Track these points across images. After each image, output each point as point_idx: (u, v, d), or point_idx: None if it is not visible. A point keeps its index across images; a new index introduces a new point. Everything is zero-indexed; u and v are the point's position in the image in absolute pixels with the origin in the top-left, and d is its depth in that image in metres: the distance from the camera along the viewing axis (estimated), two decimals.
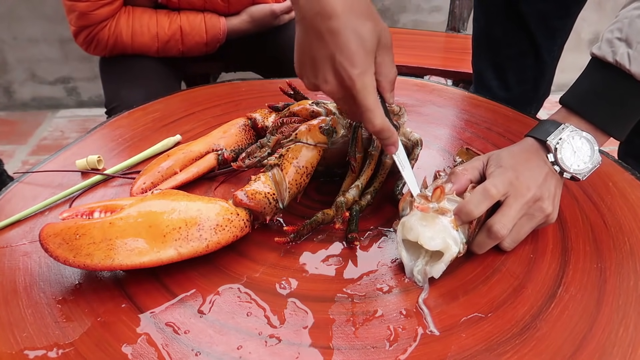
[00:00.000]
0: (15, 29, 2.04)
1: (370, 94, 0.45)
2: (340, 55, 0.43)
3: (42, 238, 0.43)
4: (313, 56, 0.45)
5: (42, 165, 0.64)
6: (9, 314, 0.42)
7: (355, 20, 0.43)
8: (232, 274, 0.47)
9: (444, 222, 0.45)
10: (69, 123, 2.12)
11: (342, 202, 0.52)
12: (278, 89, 0.67)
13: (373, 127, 0.46)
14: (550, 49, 0.98)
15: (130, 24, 1.02)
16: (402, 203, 0.50)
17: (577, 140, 0.50)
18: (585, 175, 0.51)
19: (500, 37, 0.98)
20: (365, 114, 0.46)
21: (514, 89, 1.02)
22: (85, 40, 1.02)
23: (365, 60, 0.44)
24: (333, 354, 0.39)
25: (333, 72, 0.45)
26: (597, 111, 0.51)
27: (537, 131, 0.52)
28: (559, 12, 0.93)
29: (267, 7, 1.11)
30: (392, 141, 0.49)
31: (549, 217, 0.50)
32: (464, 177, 0.49)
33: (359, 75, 0.44)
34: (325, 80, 0.45)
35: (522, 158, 0.50)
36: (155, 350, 0.39)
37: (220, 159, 0.60)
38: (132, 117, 0.76)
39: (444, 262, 0.45)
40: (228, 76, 1.18)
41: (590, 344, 0.40)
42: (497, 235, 0.47)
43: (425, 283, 0.45)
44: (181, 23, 1.04)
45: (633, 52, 0.47)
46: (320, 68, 0.45)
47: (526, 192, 0.48)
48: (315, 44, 0.44)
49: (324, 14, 0.43)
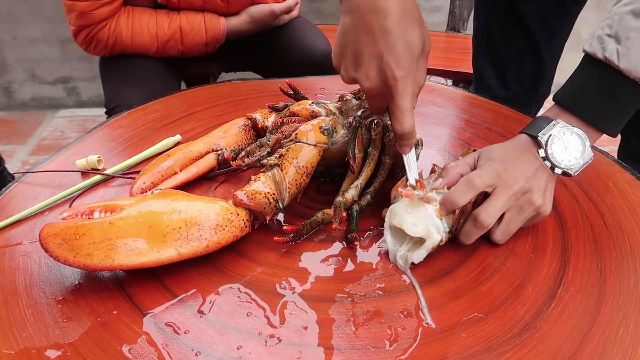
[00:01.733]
0: (15, 29, 2.05)
1: (409, 96, 0.46)
2: (388, 54, 0.44)
3: (42, 238, 0.43)
4: (357, 51, 0.46)
5: (42, 165, 0.64)
6: (9, 314, 0.42)
7: (407, 24, 0.45)
8: (232, 274, 0.47)
9: (429, 210, 0.47)
10: (69, 123, 2.12)
11: (340, 202, 0.52)
12: (278, 89, 0.67)
13: (402, 129, 0.48)
14: (549, 48, 0.98)
15: (130, 24, 1.02)
16: (394, 191, 0.52)
17: (568, 136, 0.50)
18: (577, 170, 0.51)
19: (500, 36, 0.99)
20: (399, 115, 0.47)
21: (513, 88, 1.03)
22: (85, 40, 1.02)
23: (410, 64, 0.45)
24: (333, 354, 0.39)
25: (377, 70, 0.46)
26: (587, 107, 0.51)
27: (529, 127, 0.53)
28: (557, 11, 0.93)
29: (267, 7, 1.11)
30: (411, 143, 0.51)
31: (540, 210, 0.49)
32: (454, 172, 0.51)
33: (403, 77, 0.45)
34: (367, 76, 0.46)
35: (513, 153, 0.51)
36: (155, 350, 0.39)
37: (220, 159, 0.60)
38: (132, 117, 0.76)
39: (425, 248, 0.46)
40: (228, 76, 1.18)
41: (590, 344, 0.40)
42: (483, 224, 0.47)
43: (407, 268, 0.47)
44: (181, 23, 1.04)
45: (622, 48, 0.47)
46: (364, 64, 0.46)
47: (514, 184, 0.48)
48: (364, 39, 0.45)
49: (378, 12, 0.44)
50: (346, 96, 0.59)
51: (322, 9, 2.19)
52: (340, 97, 0.59)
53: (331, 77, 0.96)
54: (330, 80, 0.93)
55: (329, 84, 0.91)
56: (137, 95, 0.97)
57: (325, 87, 0.89)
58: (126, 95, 1.00)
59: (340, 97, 0.59)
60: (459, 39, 1.67)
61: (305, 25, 1.21)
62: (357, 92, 0.60)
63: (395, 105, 0.47)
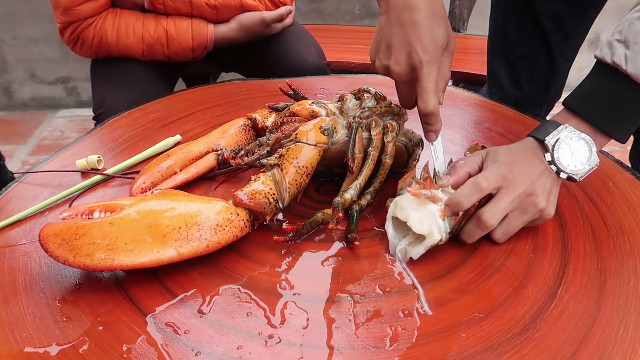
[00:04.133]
0: (15, 29, 2.05)
1: (433, 79, 0.51)
2: (417, 43, 0.50)
3: (42, 238, 0.43)
4: (390, 42, 0.52)
5: (42, 165, 0.64)
6: (9, 314, 0.42)
7: (434, 20, 0.51)
8: (232, 274, 0.47)
9: (433, 210, 0.48)
10: (69, 123, 2.12)
11: (338, 202, 0.52)
12: (278, 89, 0.67)
13: (426, 107, 0.52)
14: (563, 50, 0.98)
15: (115, 25, 1.00)
16: (401, 182, 0.53)
17: (575, 141, 0.50)
18: (582, 176, 0.51)
19: (515, 36, 0.99)
20: (424, 95, 0.51)
21: (525, 88, 1.03)
22: (71, 38, 1.00)
23: (435, 52, 0.51)
24: (333, 354, 0.39)
25: (406, 56, 0.51)
26: (595, 111, 0.51)
27: (537, 131, 0.53)
28: (573, 13, 0.93)
29: (258, 15, 1.08)
30: (436, 128, 0.54)
31: (543, 213, 0.50)
32: (462, 170, 0.52)
33: (428, 62, 0.50)
34: (397, 62, 0.51)
35: (519, 155, 0.52)
36: (155, 350, 0.39)
37: (220, 159, 0.60)
38: (132, 117, 0.76)
39: (424, 246, 0.47)
40: (228, 76, 1.17)
41: (590, 344, 0.40)
42: (486, 224, 0.48)
43: (405, 262, 0.48)
44: (167, 27, 1.02)
45: (630, 52, 0.48)
46: (395, 52, 0.51)
47: (518, 186, 0.49)
48: (396, 31, 0.51)
49: (410, 8, 0.50)
50: (346, 96, 0.59)
51: (322, 9, 2.19)
52: (340, 97, 0.59)
53: (331, 77, 0.96)
54: (330, 80, 0.93)
55: (329, 84, 0.91)
56: (122, 102, 0.94)
57: (325, 87, 0.89)
58: (111, 101, 0.98)
59: (340, 97, 0.59)
60: (459, 39, 1.67)
61: (298, 36, 1.17)
62: (357, 92, 0.60)
63: (420, 87, 0.51)
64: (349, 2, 2.19)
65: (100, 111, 1.00)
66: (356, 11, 2.21)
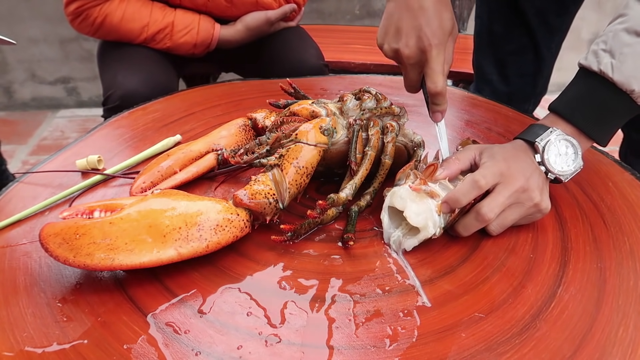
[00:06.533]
0: (15, 29, 2.04)
1: (441, 62, 0.54)
2: (426, 27, 0.53)
3: (42, 238, 0.43)
4: (399, 26, 0.55)
5: (42, 165, 0.64)
6: (9, 314, 0.43)
7: (441, 7, 0.54)
8: (232, 274, 0.47)
9: (431, 205, 0.49)
10: (69, 123, 2.12)
11: (332, 198, 0.51)
12: (278, 89, 0.67)
13: (435, 87, 0.55)
14: (548, 45, 1.01)
15: (123, 8, 1.00)
16: (400, 173, 0.54)
17: (562, 143, 0.53)
18: (568, 177, 0.53)
19: (502, 33, 1.02)
20: (433, 75, 0.55)
21: (513, 83, 1.06)
22: (75, 12, 0.99)
23: (443, 36, 0.54)
24: (333, 353, 0.39)
25: (416, 39, 0.54)
26: (581, 115, 0.54)
27: (526, 134, 0.56)
28: (557, 9, 0.96)
29: (262, 14, 1.09)
30: (443, 108, 0.57)
31: (541, 207, 0.51)
32: (455, 166, 0.53)
33: (437, 45, 0.54)
34: (407, 44, 0.55)
35: (513, 154, 0.54)
36: (156, 350, 0.39)
37: (220, 158, 0.60)
38: (132, 117, 0.76)
39: (417, 238, 0.49)
40: (228, 76, 1.17)
41: (590, 344, 0.40)
42: (484, 218, 0.49)
43: (399, 251, 0.49)
44: (174, 19, 1.02)
45: (616, 62, 0.51)
46: (405, 35, 0.55)
47: (515, 181, 0.50)
48: (406, 15, 0.54)
49: None
50: (346, 96, 0.59)
51: (322, 9, 2.19)
52: (341, 98, 0.59)
53: (331, 77, 0.96)
54: (330, 80, 0.93)
55: (329, 84, 0.91)
56: (135, 81, 0.95)
57: (325, 87, 0.89)
58: (122, 81, 0.97)
59: (341, 97, 0.59)
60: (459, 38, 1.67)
61: (297, 37, 1.18)
62: (357, 92, 0.60)
63: (430, 68, 0.54)
64: (349, 2, 2.19)
65: (110, 92, 0.98)
66: (356, 11, 2.21)
